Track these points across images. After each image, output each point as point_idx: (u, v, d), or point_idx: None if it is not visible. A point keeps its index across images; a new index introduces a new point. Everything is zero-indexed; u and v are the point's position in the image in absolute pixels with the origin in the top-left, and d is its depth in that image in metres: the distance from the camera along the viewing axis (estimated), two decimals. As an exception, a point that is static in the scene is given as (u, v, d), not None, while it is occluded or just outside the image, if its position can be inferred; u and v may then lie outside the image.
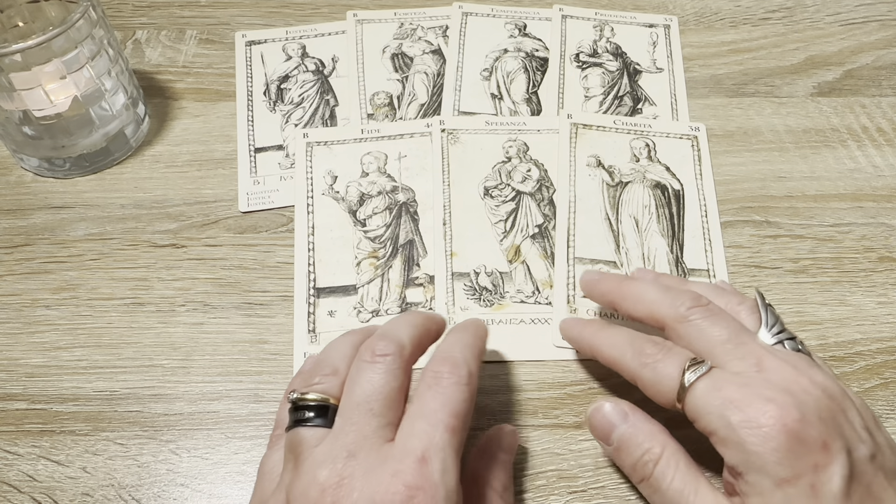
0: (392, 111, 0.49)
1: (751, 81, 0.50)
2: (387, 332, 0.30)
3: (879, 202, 0.44)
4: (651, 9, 0.55)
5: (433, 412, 0.27)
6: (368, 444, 0.27)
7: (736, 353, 0.30)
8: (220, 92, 0.50)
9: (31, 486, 0.35)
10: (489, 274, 0.42)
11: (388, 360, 0.29)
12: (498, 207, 0.44)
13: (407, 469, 0.26)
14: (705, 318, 0.31)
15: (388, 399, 0.28)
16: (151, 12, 0.54)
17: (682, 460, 0.30)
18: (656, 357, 0.31)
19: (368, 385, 0.28)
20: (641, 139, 0.47)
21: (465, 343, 0.31)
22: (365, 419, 0.27)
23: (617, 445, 0.32)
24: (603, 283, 0.36)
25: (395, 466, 0.26)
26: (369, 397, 0.28)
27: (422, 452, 0.26)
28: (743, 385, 0.29)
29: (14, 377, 0.38)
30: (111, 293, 0.41)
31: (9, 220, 0.44)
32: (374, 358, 0.29)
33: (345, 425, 0.28)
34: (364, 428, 0.27)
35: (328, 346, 0.32)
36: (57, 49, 0.40)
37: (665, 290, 0.33)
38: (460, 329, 0.33)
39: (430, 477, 0.26)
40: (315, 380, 0.30)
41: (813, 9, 0.55)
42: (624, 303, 0.34)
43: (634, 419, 0.32)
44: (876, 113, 0.49)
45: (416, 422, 0.27)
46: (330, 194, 0.44)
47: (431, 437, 0.27)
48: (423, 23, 0.53)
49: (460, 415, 0.28)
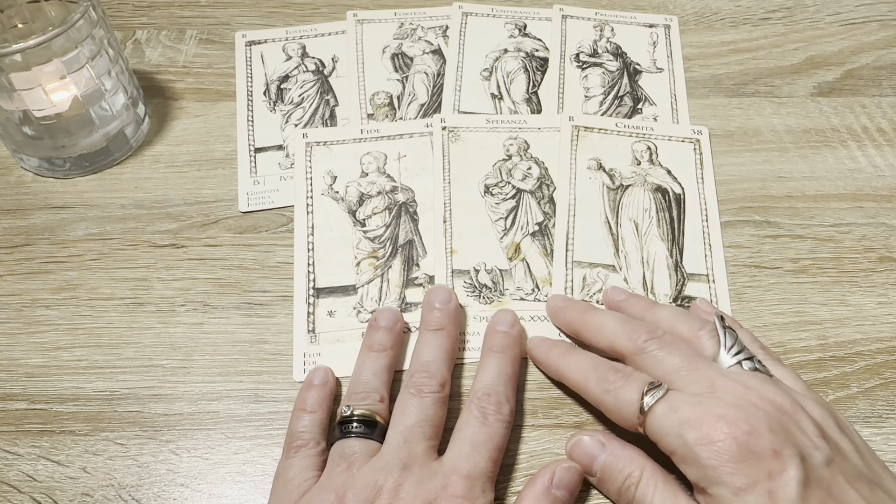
0: (392, 111, 0.48)
1: (751, 81, 0.50)
2: (430, 369, 0.35)
3: (879, 202, 0.44)
4: (651, 9, 0.55)
5: (481, 443, 0.32)
6: (420, 461, 0.32)
7: (690, 377, 0.32)
8: (220, 92, 0.50)
9: (31, 486, 0.35)
10: (489, 271, 0.42)
11: (434, 396, 0.34)
12: (498, 205, 0.44)
13: (455, 483, 0.31)
14: (660, 349, 0.33)
15: (434, 426, 0.34)
16: (151, 12, 0.54)
17: (660, 479, 0.32)
18: (617, 384, 0.33)
19: (421, 413, 0.33)
20: (643, 142, 0.47)
21: (507, 375, 0.35)
22: (417, 440, 0.33)
23: (600, 476, 0.33)
24: (568, 312, 0.38)
25: (444, 480, 0.31)
26: (422, 423, 0.33)
27: (468, 472, 0.31)
28: (697, 405, 0.30)
29: (14, 377, 0.38)
30: (111, 293, 0.41)
31: (9, 220, 0.44)
32: (422, 394, 0.34)
33: (400, 443, 0.32)
34: (416, 447, 0.32)
35: (362, 369, 0.36)
36: (57, 49, 0.40)
37: (624, 323, 0.35)
38: (502, 353, 0.36)
39: (472, 492, 0.31)
40: (363, 400, 0.34)
41: (813, 9, 0.55)
42: (587, 333, 0.37)
43: (612, 447, 0.33)
44: (876, 113, 0.49)
45: (464, 447, 0.32)
46: (329, 194, 0.44)
47: (477, 463, 0.32)
48: (423, 23, 0.53)
49: (501, 448, 0.33)
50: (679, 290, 0.41)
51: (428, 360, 0.36)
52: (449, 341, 0.37)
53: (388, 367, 0.36)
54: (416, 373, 0.35)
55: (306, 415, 0.35)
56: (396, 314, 0.38)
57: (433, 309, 0.38)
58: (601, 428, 0.36)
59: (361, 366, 0.36)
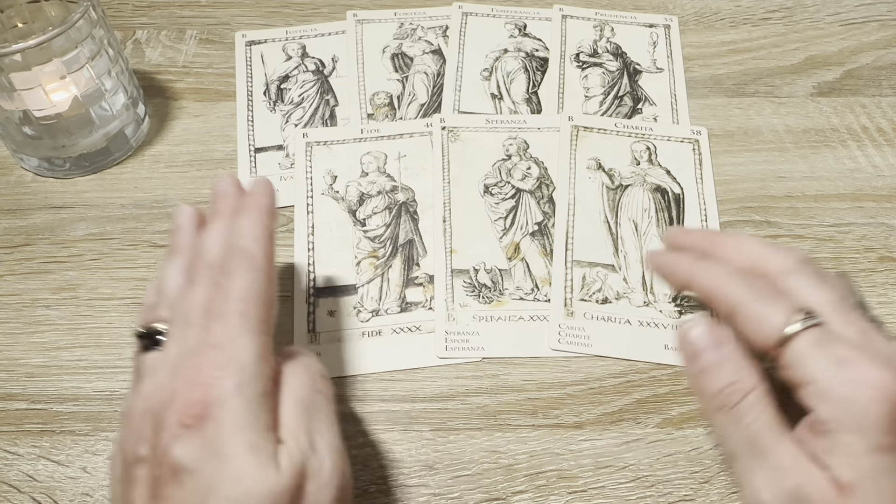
0: (392, 111, 0.49)
1: (751, 81, 0.50)
2: (206, 256, 0.32)
3: (879, 202, 0.44)
4: (651, 9, 0.55)
5: (227, 301, 0.29)
6: (188, 350, 0.29)
7: (844, 316, 0.30)
8: (220, 92, 0.50)
9: (31, 486, 0.35)
10: (489, 271, 0.42)
11: (206, 280, 0.31)
12: (498, 205, 0.44)
13: (204, 356, 0.28)
14: (816, 275, 0.31)
15: (206, 309, 0.30)
16: (151, 12, 0.54)
17: (773, 403, 0.29)
18: (767, 293, 0.30)
19: (191, 301, 0.30)
20: (642, 142, 0.47)
21: (252, 226, 0.32)
22: (190, 329, 0.29)
23: (703, 368, 0.30)
24: (695, 233, 0.35)
25: (198, 361, 0.28)
26: (193, 311, 0.30)
27: (216, 340, 0.28)
28: (856, 348, 0.28)
29: (14, 377, 0.38)
30: (111, 293, 0.41)
31: (9, 220, 0.44)
32: (193, 282, 0.31)
33: (175, 340, 0.30)
34: (188, 339, 0.29)
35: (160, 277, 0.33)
36: (57, 49, 0.40)
37: (768, 244, 0.33)
38: (249, 207, 0.33)
39: (223, 356, 0.27)
40: (151, 311, 0.32)
41: (813, 9, 0.55)
42: (722, 248, 0.33)
43: (730, 349, 0.30)
44: (876, 113, 0.49)
45: (214, 321, 0.29)
46: (329, 194, 0.44)
47: (224, 323, 0.28)
48: (423, 23, 0.53)
49: (255, 298, 0.29)
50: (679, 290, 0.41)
51: (204, 247, 0.32)
52: (223, 221, 0.33)
53: (183, 269, 0.33)
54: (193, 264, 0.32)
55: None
56: (186, 210, 0.35)
57: (217, 196, 0.34)
58: (601, 428, 0.36)
59: (161, 273, 0.33)
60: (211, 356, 0.27)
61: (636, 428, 0.36)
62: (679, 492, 0.35)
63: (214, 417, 0.26)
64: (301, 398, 0.29)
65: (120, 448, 0.29)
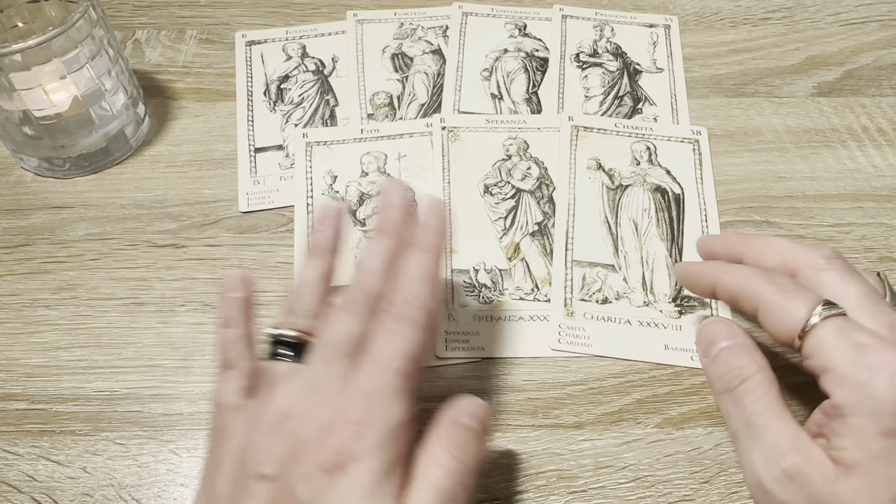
0: (392, 111, 0.49)
1: (751, 81, 0.50)
2: (365, 281, 0.31)
3: (879, 202, 0.44)
4: (651, 9, 0.55)
5: (384, 356, 0.29)
6: (330, 382, 0.29)
7: (870, 309, 0.30)
8: (220, 92, 0.50)
9: (31, 486, 0.35)
10: (489, 271, 0.42)
11: (362, 310, 0.30)
12: (498, 205, 0.44)
13: (351, 406, 0.27)
14: (844, 270, 0.31)
15: (358, 341, 0.30)
16: (151, 12, 0.54)
17: (774, 388, 0.30)
18: (790, 287, 0.31)
19: (343, 328, 0.30)
20: (642, 142, 0.47)
21: (423, 277, 0.31)
22: (334, 358, 0.29)
23: (714, 358, 0.32)
24: (728, 236, 0.36)
25: (342, 404, 0.28)
26: (342, 341, 0.29)
27: (366, 391, 0.28)
28: (877, 338, 0.29)
29: (14, 377, 0.38)
30: (111, 293, 0.41)
31: (9, 220, 0.44)
32: (349, 309, 0.30)
33: (317, 363, 0.29)
34: (331, 367, 0.29)
35: (299, 278, 0.33)
36: (57, 49, 0.40)
37: (797, 242, 0.33)
38: (424, 249, 0.32)
39: (371, 413, 0.27)
40: (292, 316, 0.31)
41: (813, 9, 0.55)
42: (752, 250, 0.34)
43: (743, 339, 0.32)
44: (876, 113, 0.49)
45: (365, 365, 0.29)
46: (329, 194, 0.44)
47: (377, 378, 0.28)
48: (423, 23, 0.53)
49: (412, 357, 0.29)
50: (679, 290, 0.41)
51: (365, 268, 0.31)
52: (395, 244, 0.32)
53: (326, 275, 0.33)
54: (352, 286, 0.31)
55: (229, 330, 0.32)
56: (331, 208, 0.34)
57: (385, 208, 0.33)
58: (601, 428, 0.36)
59: (299, 274, 0.33)
60: (358, 405, 0.27)
61: (636, 428, 0.36)
62: (679, 492, 0.35)
63: (349, 472, 0.26)
64: (441, 488, 0.27)
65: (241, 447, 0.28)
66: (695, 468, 0.35)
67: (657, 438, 0.36)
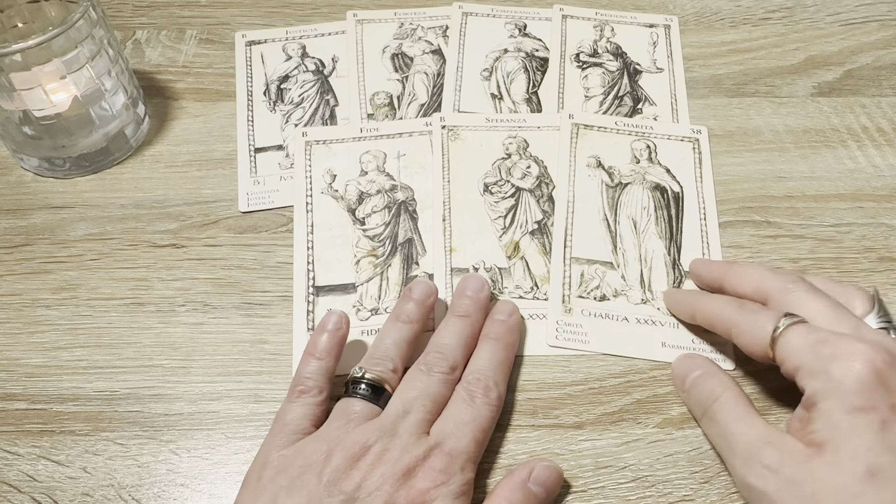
0: (392, 111, 0.49)
1: (751, 81, 0.50)
2: (443, 351, 0.36)
3: (879, 202, 0.44)
4: (651, 9, 0.55)
5: (465, 423, 0.34)
6: (411, 431, 0.33)
7: (833, 318, 0.33)
8: (220, 92, 0.50)
9: (31, 486, 0.35)
10: (488, 269, 0.42)
11: (441, 375, 0.35)
12: (497, 204, 0.44)
13: (435, 457, 0.32)
14: (809, 291, 0.34)
15: (435, 403, 0.34)
16: (151, 12, 0.55)
17: (743, 400, 0.33)
18: (756, 308, 0.34)
19: (424, 388, 0.34)
20: (642, 141, 0.47)
21: (499, 362, 0.36)
22: (415, 411, 0.34)
23: (689, 388, 0.36)
24: (712, 264, 0.40)
25: (426, 452, 0.32)
26: (423, 397, 0.34)
27: (450, 449, 0.33)
28: (836, 333, 0.32)
29: (14, 377, 0.38)
30: (111, 293, 0.41)
31: (9, 220, 0.44)
32: (430, 371, 0.35)
33: (399, 411, 0.34)
34: (412, 418, 0.33)
35: (384, 336, 0.37)
36: (57, 49, 0.40)
37: (772, 269, 0.37)
38: (497, 340, 0.37)
39: (451, 468, 0.32)
40: (376, 366, 0.35)
41: (813, 9, 0.55)
42: (732, 278, 0.37)
43: (709, 367, 0.36)
44: (876, 113, 0.49)
45: (448, 424, 0.33)
46: (329, 193, 0.44)
47: (459, 441, 0.33)
48: (423, 23, 0.53)
49: (486, 431, 0.34)
50: (677, 288, 0.41)
51: (444, 343, 0.36)
52: (470, 329, 0.37)
53: (410, 340, 0.37)
54: (430, 353, 0.36)
55: (314, 360, 0.35)
56: (431, 288, 0.39)
57: (463, 296, 0.38)
58: (601, 428, 0.36)
59: (385, 333, 0.37)
60: (443, 458, 0.32)
61: (636, 428, 0.36)
62: (679, 492, 0.35)
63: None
64: None
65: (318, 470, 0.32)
66: (695, 468, 0.35)
67: (657, 438, 0.36)
